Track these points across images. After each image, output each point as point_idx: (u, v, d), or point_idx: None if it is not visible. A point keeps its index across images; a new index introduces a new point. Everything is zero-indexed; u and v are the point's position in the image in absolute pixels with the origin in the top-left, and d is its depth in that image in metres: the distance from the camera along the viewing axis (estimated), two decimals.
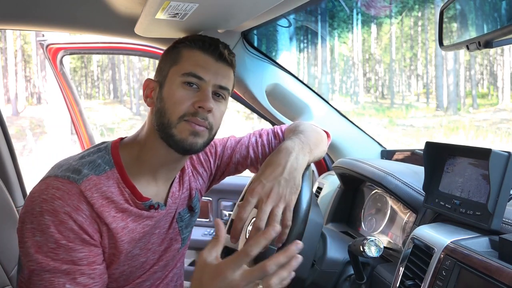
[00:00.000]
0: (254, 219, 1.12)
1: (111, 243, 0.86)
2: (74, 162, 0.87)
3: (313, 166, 1.85)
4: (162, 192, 0.97)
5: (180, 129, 0.87)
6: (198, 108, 0.87)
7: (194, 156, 1.09)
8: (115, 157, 0.89)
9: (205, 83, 0.89)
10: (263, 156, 1.12)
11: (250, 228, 1.11)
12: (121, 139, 0.96)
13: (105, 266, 0.86)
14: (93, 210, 0.82)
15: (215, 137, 1.16)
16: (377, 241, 0.96)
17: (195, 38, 0.93)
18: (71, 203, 0.79)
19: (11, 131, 2.09)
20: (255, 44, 1.53)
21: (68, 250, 0.79)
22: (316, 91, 1.66)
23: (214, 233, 2.19)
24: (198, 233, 2.07)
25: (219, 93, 0.92)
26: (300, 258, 0.71)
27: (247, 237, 1.10)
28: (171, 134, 0.88)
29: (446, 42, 0.90)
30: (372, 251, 0.95)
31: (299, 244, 0.71)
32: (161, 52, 1.02)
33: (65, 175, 0.82)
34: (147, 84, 0.94)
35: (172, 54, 0.92)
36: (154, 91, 0.93)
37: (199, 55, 0.90)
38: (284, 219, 0.82)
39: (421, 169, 1.11)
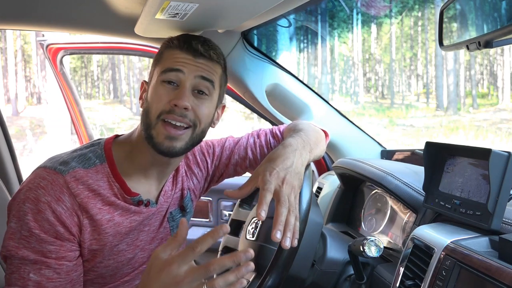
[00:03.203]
0: (254, 219, 1.12)
1: (93, 236, 0.86)
2: (65, 155, 0.88)
3: (313, 166, 1.85)
4: (154, 190, 0.98)
5: (157, 132, 0.87)
6: (173, 106, 0.86)
7: (190, 156, 1.09)
8: (108, 152, 0.91)
9: (184, 76, 0.87)
10: (261, 157, 1.11)
11: (250, 228, 1.11)
12: (116, 136, 0.97)
13: (76, 264, 0.85)
14: (75, 202, 0.83)
15: (214, 138, 1.16)
16: (377, 241, 0.96)
17: (173, 38, 0.93)
18: (53, 193, 0.81)
19: (11, 131, 2.09)
20: (255, 44, 1.53)
21: (39, 241, 0.80)
22: (316, 91, 1.66)
23: None
24: (198, 233, 2.07)
25: (201, 90, 0.90)
26: (252, 266, 0.69)
27: (247, 237, 1.10)
28: (151, 135, 0.88)
29: (446, 42, 0.90)
30: (372, 251, 0.95)
31: (248, 253, 0.69)
32: None
33: (53, 166, 0.84)
34: (141, 86, 0.97)
35: (157, 56, 0.94)
36: (145, 93, 0.95)
37: (178, 53, 0.90)
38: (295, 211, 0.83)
39: (421, 169, 1.11)
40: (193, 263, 0.70)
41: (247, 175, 1.21)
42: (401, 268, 0.91)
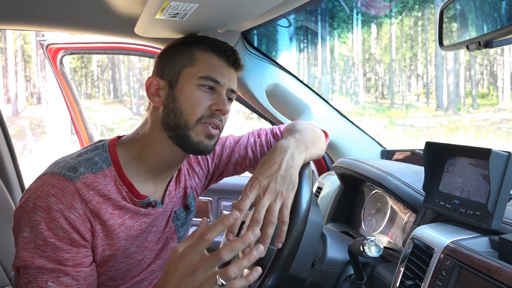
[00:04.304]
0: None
1: (106, 241, 0.86)
2: (71, 160, 0.87)
3: (313, 166, 1.85)
4: (159, 191, 0.98)
5: (197, 132, 0.90)
6: (215, 111, 0.90)
7: (191, 155, 1.09)
8: (113, 154, 0.90)
9: (220, 86, 0.92)
10: (261, 157, 1.11)
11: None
12: (119, 137, 0.97)
13: (92, 269, 0.86)
14: (87, 208, 0.82)
15: None
16: (377, 241, 0.95)
17: (209, 41, 0.94)
18: (65, 200, 0.80)
19: (11, 131, 2.09)
20: (255, 44, 1.53)
21: (55, 249, 0.79)
22: (316, 91, 1.66)
23: None
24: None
25: (230, 97, 0.96)
26: (262, 248, 0.69)
27: None
28: (188, 135, 0.89)
29: (446, 42, 0.90)
30: (372, 251, 0.95)
31: (255, 231, 0.70)
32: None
33: (61, 173, 0.83)
34: (151, 81, 0.93)
35: (184, 55, 0.93)
36: (162, 90, 0.92)
37: (214, 59, 0.92)
38: (282, 216, 0.82)
39: (421, 169, 1.11)
40: (205, 252, 0.70)
41: (247, 174, 1.22)
42: (401, 268, 0.91)
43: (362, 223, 1.36)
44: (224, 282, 0.67)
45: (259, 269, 0.69)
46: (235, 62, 0.95)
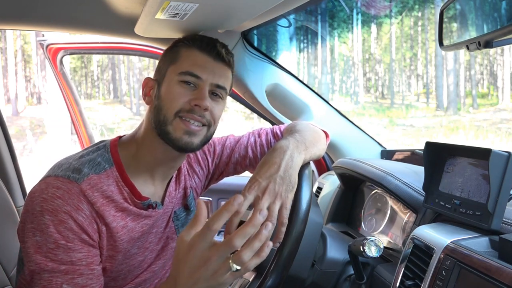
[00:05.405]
0: None
1: (110, 243, 0.86)
2: (74, 161, 0.87)
3: (313, 166, 1.85)
4: (159, 191, 0.98)
5: (175, 127, 0.88)
6: (194, 106, 0.88)
7: (191, 154, 1.09)
8: (114, 155, 0.90)
9: (202, 82, 0.90)
10: (261, 156, 1.11)
11: None
12: (120, 137, 0.97)
13: (101, 268, 0.86)
14: (93, 209, 0.82)
15: (214, 136, 1.16)
16: (377, 241, 0.96)
17: (193, 38, 0.94)
18: (72, 202, 0.80)
19: (11, 131, 2.09)
20: (255, 44, 1.53)
21: (67, 251, 0.79)
22: (316, 91, 1.66)
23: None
24: None
25: (216, 93, 0.93)
26: (270, 225, 0.68)
27: None
28: (167, 131, 0.89)
29: (446, 42, 0.90)
30: (372, 251, 0.95)
31: (263, 211, 0.68)
32: (161, 52, 1.02)
33: (66, 175, 0.83)
34: (146, 82, 0.95)
35: (170, 54, 0.94)
36: (152, 90, 0.94)
37: (197, 54, 0.91)
38: (281, 217, 0.82)
39: (421, 169, 1.11)
40: (215, 240, 0.67)
41: (248, 174, 1.22)
42: (401, 268, 0.91)
43: (362, 223, 1.36)
44: (238, 267, 0.65)
45: (270, 244, 0.67)
46: (218, 54, 0.92)
